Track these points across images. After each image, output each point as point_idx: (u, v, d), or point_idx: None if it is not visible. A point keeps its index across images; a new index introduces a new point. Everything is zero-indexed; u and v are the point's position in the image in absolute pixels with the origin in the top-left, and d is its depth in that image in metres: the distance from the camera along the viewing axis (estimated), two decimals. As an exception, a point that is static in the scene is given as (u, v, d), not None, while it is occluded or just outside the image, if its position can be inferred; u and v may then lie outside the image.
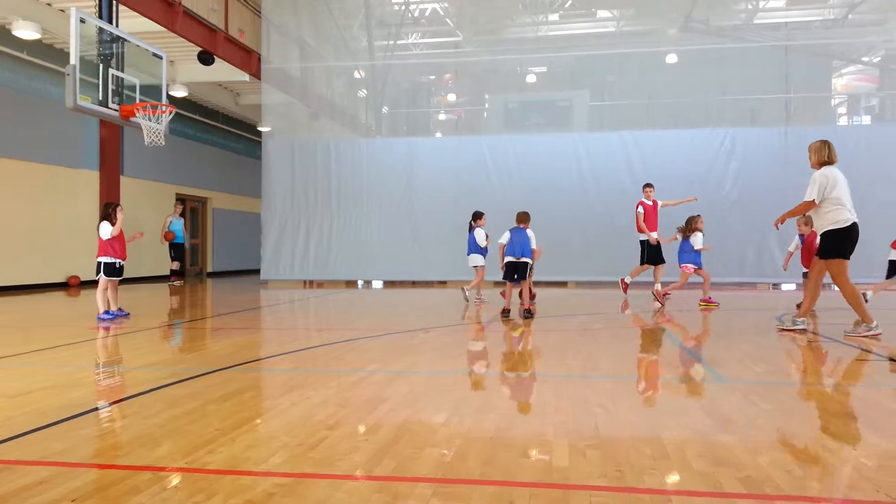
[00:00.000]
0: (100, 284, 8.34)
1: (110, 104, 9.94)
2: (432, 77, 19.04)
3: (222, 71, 15.35)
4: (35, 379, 4.58)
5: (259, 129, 17.43)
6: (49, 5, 12.44)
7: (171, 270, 15.23)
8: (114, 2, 10.58)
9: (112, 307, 8.38)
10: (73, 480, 2.60)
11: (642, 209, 10.46)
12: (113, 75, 10.00)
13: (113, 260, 8.33)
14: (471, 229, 10.29)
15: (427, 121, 19.11)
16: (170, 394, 4.13)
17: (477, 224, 10.22)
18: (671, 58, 15.56)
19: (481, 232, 10.19)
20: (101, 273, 8.29)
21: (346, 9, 17.09)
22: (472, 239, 10.25)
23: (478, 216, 10.26)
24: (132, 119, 10.15)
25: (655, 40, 16.35)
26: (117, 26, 10.49)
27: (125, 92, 10.27)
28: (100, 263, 8.31)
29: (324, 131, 17.47)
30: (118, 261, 8.38)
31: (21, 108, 13.20)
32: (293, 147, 15.94)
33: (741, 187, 14.06)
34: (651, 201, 10.55)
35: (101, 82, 9.75)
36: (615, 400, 3.92)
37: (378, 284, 15.71)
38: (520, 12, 17.49)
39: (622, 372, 5.02)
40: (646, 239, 10.43)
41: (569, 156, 14.77)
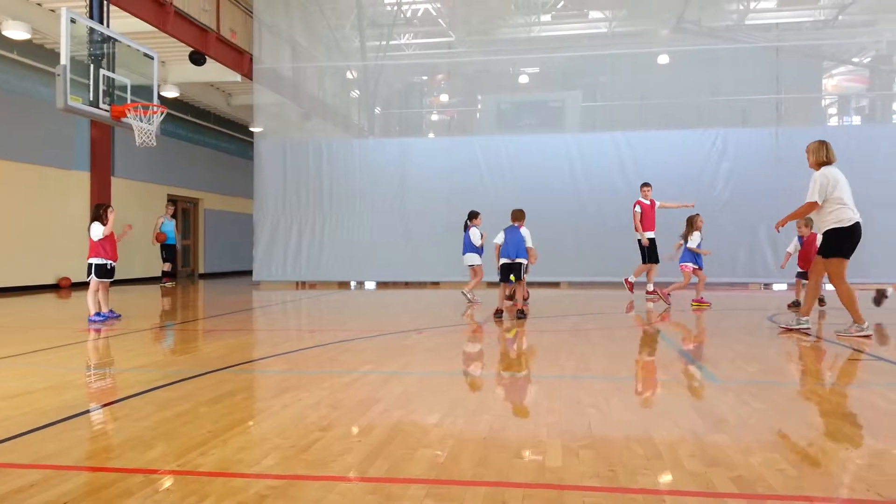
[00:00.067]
0: (91, 286, 8.30)
1: (101, 105, 9.89)
2: (425, 77, 19.01)
3: (214, 71, 15.32)
4: (27, 381, 4.55)
5: (251, 129, 17.37)
6: (39, 5, 12.36)
7: (163, 272, 15.16)
8: (104, 2, 10.52)
9: (103, 309, 8.33)
10: (65, 483, 2.59)
11: (640, 208, 10.49)
12: (104, 76, 9.96)
13: (104, 261, 8.28)
14: (466, 229, 10.30)
15: (419, 121, 19.08)
16: (161, 396, 4.11)
17: (472, 223, 10.23)
18: (663, 59, 15.62)
19: (476, 231, 10.20)
20: (93, 274, 8.26)
21: (338, 9, 17.05)
22: (468, 238, 10.26)
23: (473, 216, 10.28)
24: (123, 120, 10.10)
25: (647, 41, 16.39)
26: (108, 26, 10.44)
27: (116, 92, 10.23)
28: (91, 265, 8.27)
29: (316, 132, 17.41)
30: (109, 262, 8.34)
31: (11, 108, 13.11)
32: (285, 147, 15.90)
33: (733, 188, 14.11)
34: (649, 200, 10.58)
35: (91, 83, 9.70)
36: (608, 400, 3.93)
37: (371, 285, 15.69)
38: (512, 13, 17.49)
39: (615, 372, 5.03)
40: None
41: (561, 156, 14.80)
